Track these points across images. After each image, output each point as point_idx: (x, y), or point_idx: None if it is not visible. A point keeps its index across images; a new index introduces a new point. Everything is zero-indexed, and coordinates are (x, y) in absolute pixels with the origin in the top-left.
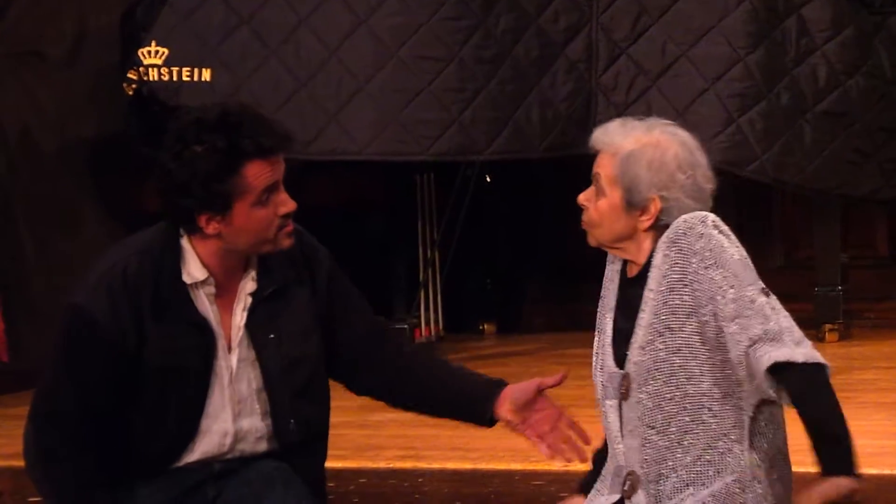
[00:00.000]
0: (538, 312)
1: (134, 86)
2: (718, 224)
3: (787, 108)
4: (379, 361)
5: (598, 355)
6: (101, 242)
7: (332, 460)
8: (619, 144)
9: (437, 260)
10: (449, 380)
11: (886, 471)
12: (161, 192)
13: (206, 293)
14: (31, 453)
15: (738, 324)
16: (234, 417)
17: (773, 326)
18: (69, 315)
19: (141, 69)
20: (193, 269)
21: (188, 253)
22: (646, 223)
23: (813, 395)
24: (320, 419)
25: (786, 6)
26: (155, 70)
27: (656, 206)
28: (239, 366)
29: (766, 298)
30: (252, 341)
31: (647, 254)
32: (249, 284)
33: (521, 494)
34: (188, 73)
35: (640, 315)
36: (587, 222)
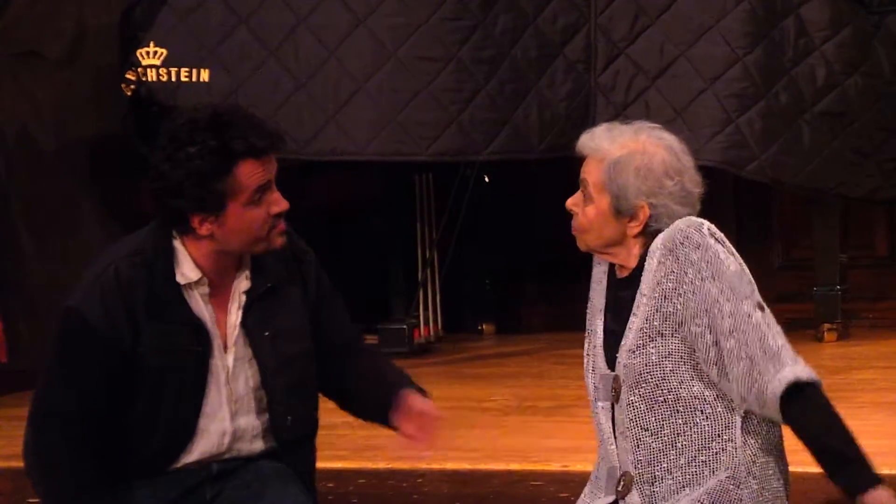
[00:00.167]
0: (537, 312)
1: (132, 86)
2: (715, 232)
3: (785, 108)
4: (345, 372)
5: (589, 357)
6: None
7: (331, 461)
8: (607, 150)
9: (436, 260)
10: (371, 388)
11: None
12: (154, 193)
13: (200, 293)
14: (31, 455)
15: (735, 339)
16: (231, 416)
17: (771, 345)
18: (64, 317)
19: (139, 70)
20: (187, 270)
21: (181, 253)
22: (635, 229)
23: (816, 417)
24: (313, 416)
25: (784, 6)
26: (153, 71)
27: (645, 213)
28: (235, 364)
29: (762, 313)
30: (248, 339)
31: (637, 258)
32: (243, 283)
33: (520, 495)
34: (187, 74)
35: (632, 319)
36: (576, 228)
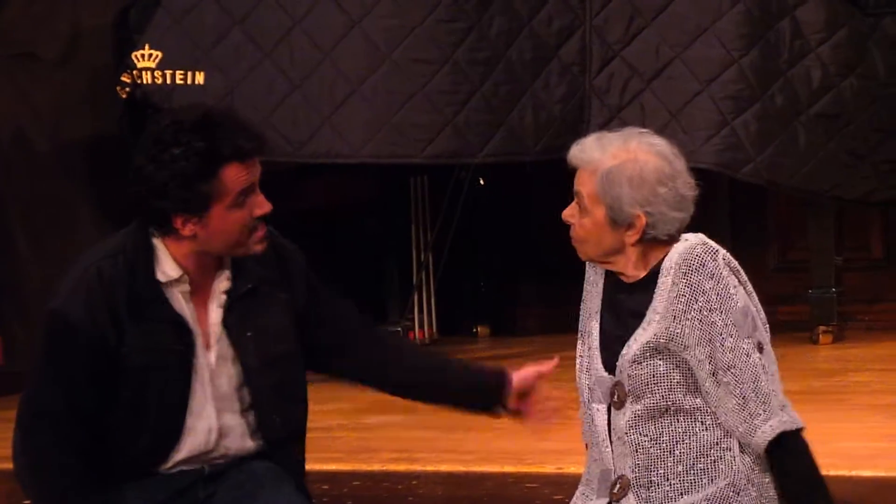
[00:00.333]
0: (532, 315)
1: (127, 89)
2: (729, 262)
3: (781, 110)
4: (376, 353)
5: (583, 358)
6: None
7: (326, 463)
8: (598, 161)
9: (431, 262)
10: (456, 369)
11: (881, 473)
12: (137, 194)
13: (181, 291)
14: (19, 457)
15: (732, 374)
16: (217, 414)
17: (763, 388)
18: (48, 319)
19: (134, 72)
20: (167, 268)
21: (161, 252)
22: (633, 238)
23: (797, 469)
24: (301, 416)
25: (779, 8)
26: (148, 73)
27: (641, 222)
28: (218, 363)
29: (760, 354)
30: (230, 339)
31: (636, 265)
32: (224, 283)
33: (514, 497)
34: (182, 76)
35: (640, 331)
36: (575, 239)
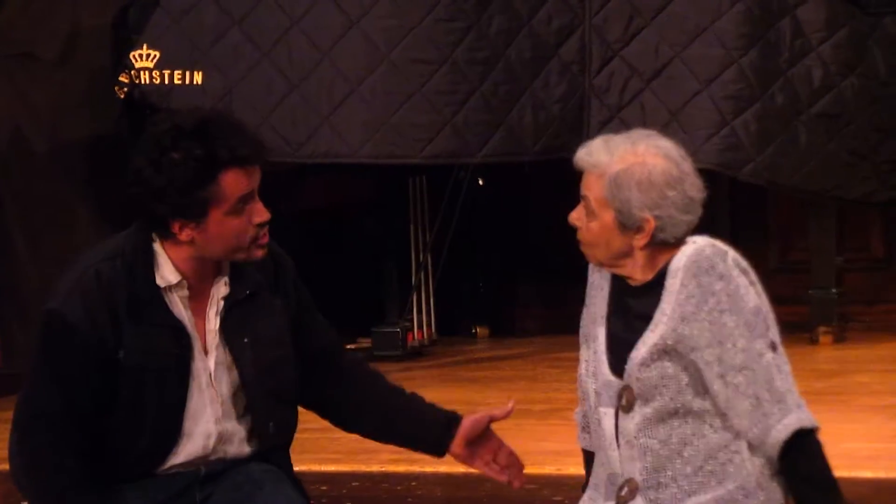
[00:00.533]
0: (531, 315)
1: (126, 89)
2: (739, 262)
3: (781, 110)
4: (334, 379)
5: (588, 362)
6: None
7: (324, 464)
8: (606, 165)
9: (430, 263)
10: (406, 412)
11: (881, 474)
12: (135, 197)
13: (180, 296)
14: (16, 458)
15: (744, 376)
16: (215, 419)
17: (779, 387)
18: (46, 320)
19: (133, 72)
20: (166, 273)
21: (161, 256)
22: (641, 241)
23: (810, 470)
24: (293, 422)
25: (780, 7)
26: (146, 73)
27: (650, 226)
28: (216, 368)
29: (773, 354)
30: (227, 345)
31: (644, 269)
32: (222, 289)
33: (513, 498)
34: (180, 76)
35: (648, 333)
36: (583, 243)
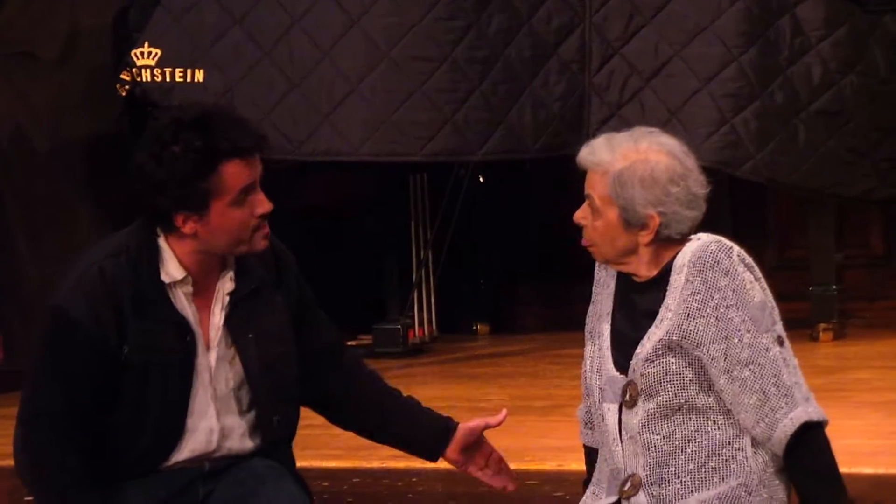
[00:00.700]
0: (531, 312)
1: (127, 87)
2: (744, 258)
3: (781, 108)
4: (334, 376)
5: (592, 359)
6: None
7: (325, 460)
8: (609, 163)
9: (431, 260)
10: (403, 414)
11: (881, 470)
12: (138, 192)
13: (184, 292)
14: (21, 454)
15: (750, 370)
16: (217, 415)
17: (786, 381)
18: (50, 316)
19: (134, 70)
20: (171, 269)
21: (165, 252)
22: (646, 238)
23: (816, 465)
24: (296, 418)
25: (779, 5)
26: (148, 71)
27: (655, 222)
28: (218, 364)
29: (780, 348)
30: (231, 340)
31: (649, 265)
32: (227, 284)
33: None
34: (181, 74)
35: (653, 330)
36: (588, 241)
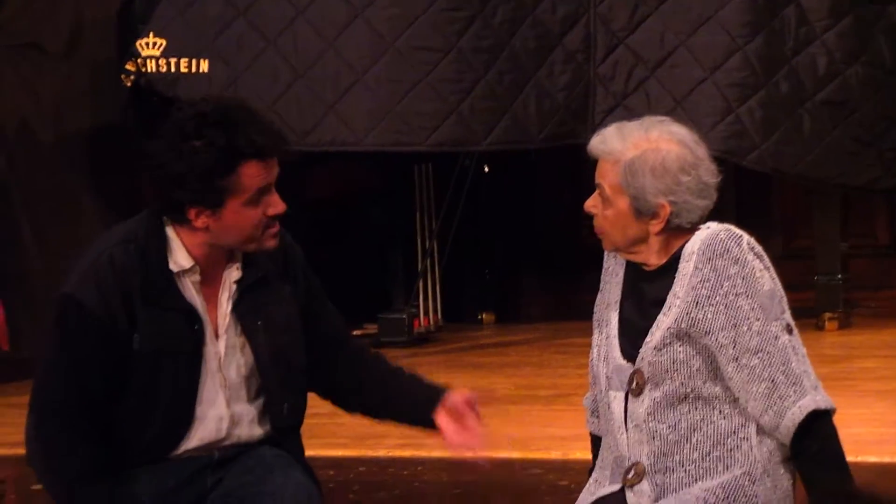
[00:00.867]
0: (536, 302)
1: (132, 77)
2: (754, 246)
3: (786, 98)
4: (341, 365)
5: (600, 347)
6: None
7: (332, 449)
8: (620, 152)
9: (436, 250)
10: (400, 387)
11: (887, 458)
12: (154, 182)
13: (192, 281)
14: (32, 442)
15: (759, 358)
16: (226, 403)
17: (794, 369)
18: (60, 305)
19: (139, 60)
20: (179, 258)
21: (174, 241)
22: (657, 227)
23: (824, 452)
24: (304, 405)
25: None
26: (153, 61)
27: (665, 211)
28: (227, 352)
29: (789, 336)
30: (240, 328)
31: (658, 254)
32: (234, 273)
33: (519, 482)
34: (186, 65)
35: (661, 318)
36: (599, 230)
